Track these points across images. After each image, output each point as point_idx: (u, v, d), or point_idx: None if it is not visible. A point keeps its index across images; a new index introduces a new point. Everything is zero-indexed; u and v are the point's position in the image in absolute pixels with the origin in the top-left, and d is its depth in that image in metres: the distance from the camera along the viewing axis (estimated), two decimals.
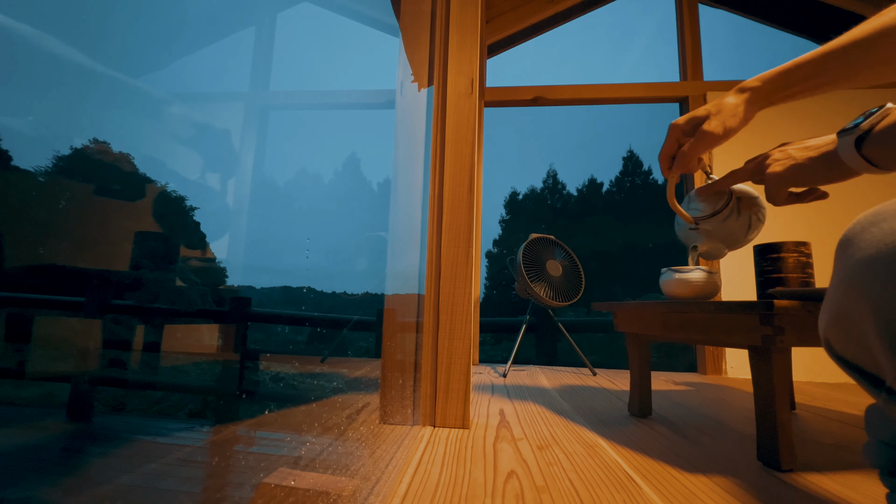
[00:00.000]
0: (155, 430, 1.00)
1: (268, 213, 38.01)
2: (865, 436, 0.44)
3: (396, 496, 0.60)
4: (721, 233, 0.85)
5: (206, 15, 2.93)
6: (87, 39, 11.45)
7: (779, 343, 0.72)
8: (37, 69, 5.01)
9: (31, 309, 1.38)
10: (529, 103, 2.33)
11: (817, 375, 1.83)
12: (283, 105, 2.80)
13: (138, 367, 1.31)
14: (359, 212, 45.95)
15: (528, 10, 2.45)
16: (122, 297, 1.12)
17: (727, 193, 0.85)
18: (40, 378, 1.22)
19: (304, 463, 0.77)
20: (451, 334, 0.96)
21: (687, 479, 0.68)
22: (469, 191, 0.99)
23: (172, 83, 14.00)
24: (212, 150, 4.06)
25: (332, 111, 9.81)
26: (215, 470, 0.77)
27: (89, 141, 2.37)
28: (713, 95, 2.12)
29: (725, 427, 1.01)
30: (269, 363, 1.81)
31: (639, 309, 1.09)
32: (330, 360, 2.08)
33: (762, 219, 0.86)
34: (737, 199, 0.85)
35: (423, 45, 1.08)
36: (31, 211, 1.73)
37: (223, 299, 1.36)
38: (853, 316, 0.33)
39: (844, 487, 0.66)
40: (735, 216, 0.84)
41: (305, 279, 28.46)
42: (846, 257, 0.34)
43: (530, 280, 1.83)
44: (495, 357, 6.97)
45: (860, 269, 0.32)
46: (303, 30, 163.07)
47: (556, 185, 21.15)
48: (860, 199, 1.90)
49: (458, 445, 0.82)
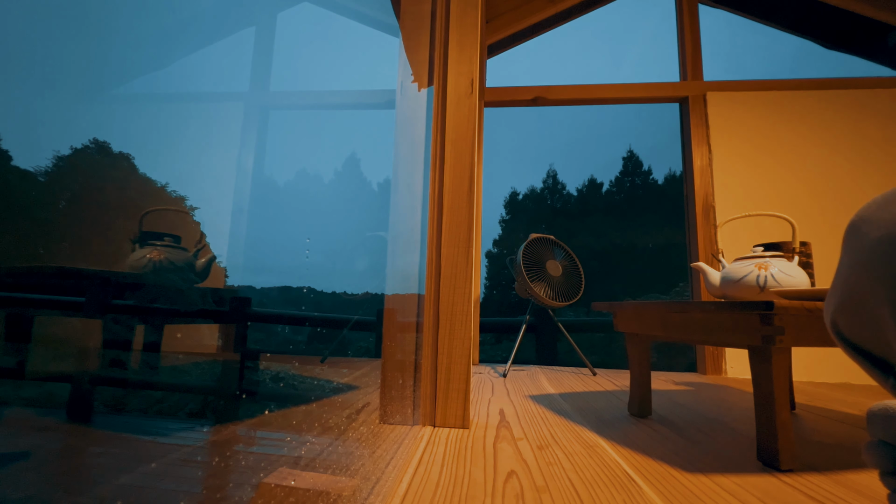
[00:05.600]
0: (155, 430, 1.00)
1: (268, 213, 38.08)
2: (866, 436, 0.44)
3: (396, 496, 0.60)
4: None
5: (206, 15, 2.92)
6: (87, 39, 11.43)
7: (779, 343, 0.72)
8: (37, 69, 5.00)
9: (31, 309, 1.38)
10: (529, 103, 2.33)
11: (817, 375, 1.83)
12: (283, 105, 2.80)
13: (138, 367, 1.31)
14: (359, 212, 45.93)
15: (528, 10, 2.45)
16: (123, 297, 1.12)
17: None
18: (40, 378, 1.22)
19: (304, 463, 0.77)
20: (451, 334, 0.96)
21: (687, 479, 0.68)
22: (469, 191, 0.99)
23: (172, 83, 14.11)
24: (212, 150, 4.09)
25: (332, 111, 9.80)
26: (215, 470, 0.77)
27: (89, 141, 2.37)
28: (713, 95, 2.12)
29: (725, 427, 1.01)
30: (269, 363, 1.81)
31: (639, 309, 1.09)
32: (330, 360, 2.08)
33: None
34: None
35: (423, 45, 1.08)
36: (31, 211, 1.73)
37: (223, 299, 1.36)
38: (865, 296, 0.32)
39: (845, 487, 0.66)
40: None
41: (305, 279, 28.49)
42: (860, 237, 0.33)
43: (530, 280, 1.83)
44: (495, 357, 6.97)
45: (876, 248, 0.31)
46: (303, 30, 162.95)
47: (555, 185, 21.15)
48: (860, 199, 1.90)
49: (458, 445, 0.82)
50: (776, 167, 2.04)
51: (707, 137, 2.09)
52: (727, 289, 1.05)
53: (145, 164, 2.67)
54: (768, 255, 1.04)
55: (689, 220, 2.10)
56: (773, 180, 2.03)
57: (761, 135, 2.07)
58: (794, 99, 2.09)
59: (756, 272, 1.00)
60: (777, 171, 2.03)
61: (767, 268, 0.99)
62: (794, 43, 18.36)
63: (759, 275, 0.99)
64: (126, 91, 2.95)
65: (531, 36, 2.61)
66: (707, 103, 2.12)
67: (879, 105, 2.02)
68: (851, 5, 2.16)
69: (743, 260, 1.05)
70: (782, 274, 0.98)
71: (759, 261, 1.02)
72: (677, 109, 2.24)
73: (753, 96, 2.11)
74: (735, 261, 1.07)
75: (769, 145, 2.06)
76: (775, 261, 1.01)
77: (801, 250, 1.11)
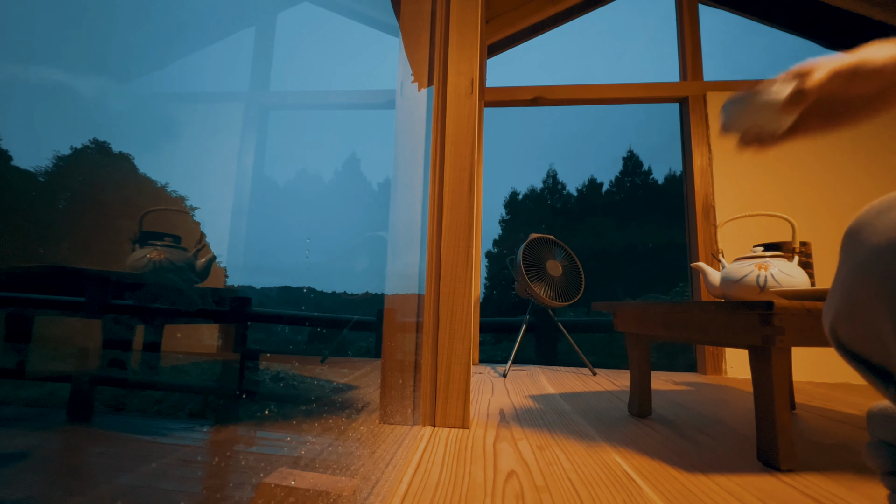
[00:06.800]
0: (155, 430, 1.00)
1: (268, 213, 38.06)
2: (866, 436, 0.44)
3: (396, 496, 0.60)
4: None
5: (206, 15, 2.92)
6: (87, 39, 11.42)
7: (779, 343, 0.72)
8: (37, 69, 4.99)
9: (31, 309, 1.38)
10: (529, 103, 2.33)
11: (817, 375, 1.83)
12: (283, 105, 2.80)
13: (138, 367, 1.31)
14: (359, 212, 45.93)
15: (528, 10, 2.45)
16: (123, 297, 1.11)
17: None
18: (40, 378, 1.22)
19: (304, 463, 0.77)
20: (451, 334, 0.96)
21: (687, 479, 0.68)
22: (469, 191, 0.99)
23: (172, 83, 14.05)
24: (212, 150, 4.08)
25: (332, 111, 9.84)
26: (215, 470, 0.77)
27: (89, 141, 2.37)
28: (713, 95, 2.12)
29: (725, 427, 1.01)
30: (269, 363, 1.81)
31: (639, 309, 1.09)
32: (330, 360, 2.08)
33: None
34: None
35: (423, 45, 1.08)
36: (32, 211, 1.73)
37: (223, 299, 1.36)
38: (865, 304, 0.32)
39: (844, 488, 0.66)
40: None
41: (305, 279, 28.47)
42: (858, 244, 0.33)
43: (530, 280, 1.83)
44: (495, 357, 6.97)
45: (875, 254, 0.31)
46: (303, 30, 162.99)
47: (555, 185, 21.16)
48: (859, 199, 1.90)
49: (458, 445, 0.82)
50: (776, 167, 2.04)
51: (707, 137, 2.09)
52: (727, 289, 1.05)
53: (145, 164, 2.67)
54: (768, 255, 1.04)
55: (689, 220, 2.10)
56: (773, 180, 2.03)
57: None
58: None
59: (756, 272, 1.00)
60: (777, 171, 2.03)
61: (767, 268, 0.99)
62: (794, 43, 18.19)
63: (759, 275, 0.99)
64: (126, 91, 2.95)
65: (531, 36, 2.61)
66: (707, 103, 2.12)
67: None
68: (851, 5, 2.16)
69: (743, 260, 1.05)
70: (782, 274, 0.98)
71: (758, 261, 1.02)
72: (677, 109, 2.24)
73: None
74: (735, 261, 1.07)
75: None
76: (775, 261, 1.01)
77: (801, 250, 1.11)
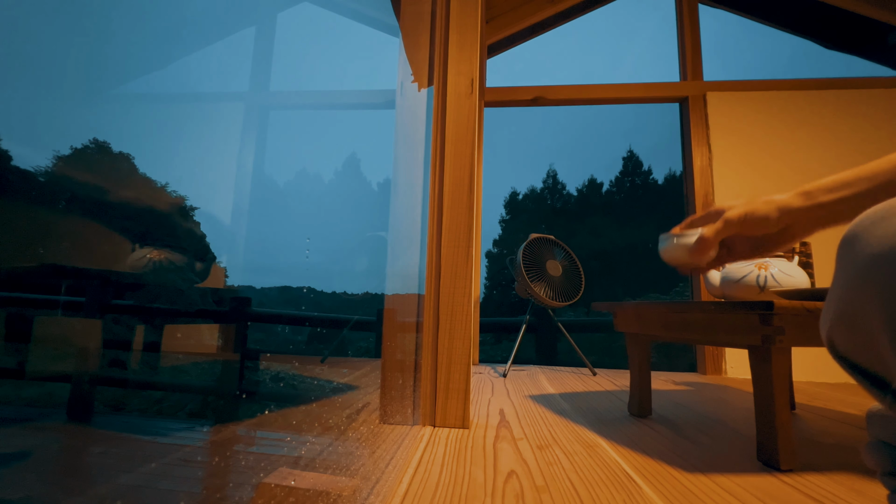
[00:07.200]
0: (155, 430, 1.00)
1: (268, 213, 38.03)
2: (865, 436, 0.44)
3: (396, 496, 0.60)
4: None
5: (207, 15, 2.92)
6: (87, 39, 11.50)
7: (779, 343, 0.72)
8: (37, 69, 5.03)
9: (31, 309, 1.38)
10: (529, 103, 2.33)
11: (817, 375, 1.83)
12: (283, 105, 2.80)
13: (138, 367, 1.31)
14: (359, 212, 45.89)
15: (528, 10, 2.45)
16: (123, 297, 1.11)
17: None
18: (40, 378, 1.22)
19: (304, 463, 0.77)
20: (451, 334, 0.96)
21: (687, 479, 0.68)
22: (469, 191, 0.99)
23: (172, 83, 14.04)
24: (212, 150, 4.05)
25: (332, 111, 9.82)
26: (215, 470, 0.77)
27: (89, 141, 2.37)
28: (713, 95, 2.12)
29: (725, 427, 1.01)
30: (269, 363, 1.81)
31: (639, 309, 1.09)
32: (330, 360, 2.08)
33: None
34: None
35: (423, 45, 1.08)
36: (32, 211, 1.73)
37: (223, 299, 1.35)
38: (861, 313, 0.32)
39: (844, 487, 0.66)
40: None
41: (305, 279, 28.50)
42: (854, 253, 0.32)
43: (530, 280, 1.83)
44: (495, 357, 6.97)
45: (871, 264, 0.30)
46: (303, 30, 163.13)
47: (555, 185, 21.17)
48: None
49: (458, 445, 0.82)
50: (776, 167, 2.04)
51: (707, 137, 2.09)
52: (727, 289, 1.05)
53: (145, 164, 2.67)
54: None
55: None
56: (773, 180, 2.02)
57: (761, 134, 2.07)
58: (794, 99, 2.09)
59: (756, 272, 1.00)
60: (777, 171, 2.03)
61: (767, 268, 0.99)
62: (793, 43, 18.19)
63: (759, 275, 0.99)
64: (126, 91, 2.94)
65: (531, 36, 2.61)
66: (707, 103, 2.12)
67: (879, 105, 2.02)
68: (851, 5, 2.16)
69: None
70: (782, 274, 0.98)
71: (758, 261, 1.02)
72: (677, 109, 2.24)
73: (753, 96, 2.11)
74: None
75: (769, 145, 2.06)
76: (775, 261, 1.01)
77: (801, 250, 1.11)
